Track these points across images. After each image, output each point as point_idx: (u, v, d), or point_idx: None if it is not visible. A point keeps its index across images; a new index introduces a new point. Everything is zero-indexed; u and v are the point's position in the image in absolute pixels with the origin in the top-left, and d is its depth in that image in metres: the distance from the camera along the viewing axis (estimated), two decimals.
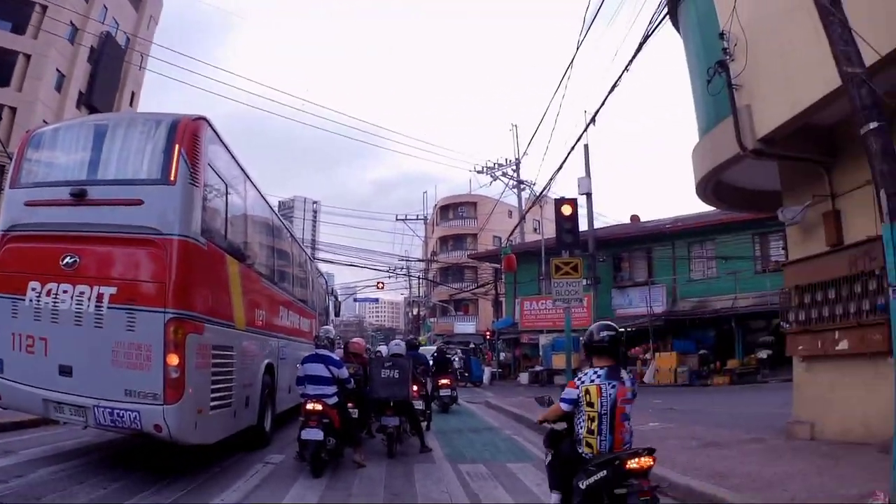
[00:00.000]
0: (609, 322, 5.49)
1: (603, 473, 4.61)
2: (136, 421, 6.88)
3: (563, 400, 5.09)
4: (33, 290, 7.35)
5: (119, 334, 7.00)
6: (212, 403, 7.70)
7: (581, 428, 4.95)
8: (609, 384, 4.89)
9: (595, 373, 4.96)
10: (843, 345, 9.00)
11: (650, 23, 11.76)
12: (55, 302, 7.25)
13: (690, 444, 9.91)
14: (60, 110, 35.12)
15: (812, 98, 8.00)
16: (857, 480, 6.72)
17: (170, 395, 6.86)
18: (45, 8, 34.04)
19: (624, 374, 5.07)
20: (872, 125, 5.67)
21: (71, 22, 35.81)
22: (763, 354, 25.68)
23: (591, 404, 4.89)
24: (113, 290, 7.16)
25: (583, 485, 4.71)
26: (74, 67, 37.02)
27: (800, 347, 10.14)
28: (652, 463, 4.65)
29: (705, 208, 18.11)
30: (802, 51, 7.96)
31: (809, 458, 8.31)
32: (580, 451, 4.94)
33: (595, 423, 4.86)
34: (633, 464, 4.57)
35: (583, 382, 4.97)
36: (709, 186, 11.88)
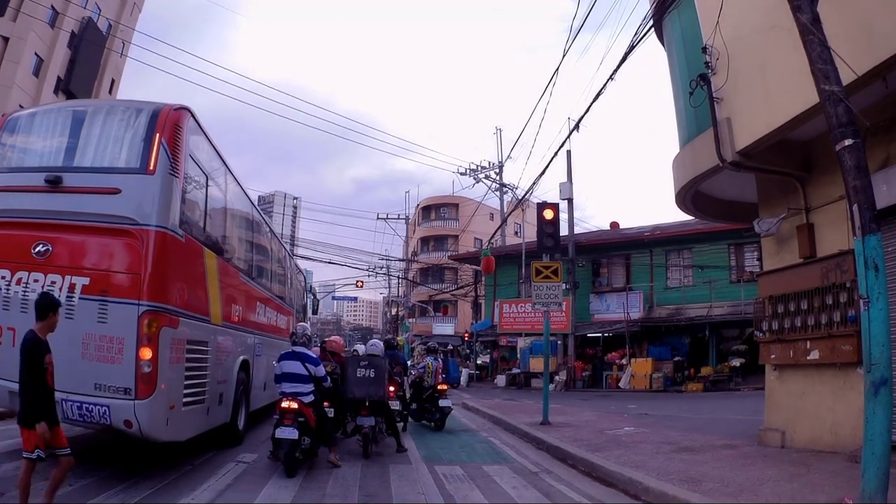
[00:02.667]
0: (434, 342, 21.13)
1: (431, 390, 13.90)
2: (105, 416, 6.76)
3: (421, 367, 14.76)
4: (2, 278, 7.18)
5: (90, 326, 6.87)
6: (184, 399, 7.60)
7: (426, 376, 14.01)
8: (434, 362, 14.16)
9: (429, 357, 14.45)
10: (814, 355, 9.11)
11: (636, 34, 11.82)
12: (25, 291, 7.08)
13: (664, 449, 9.98)
14: (37, 95, 34.47)
15: (789, 114, 8.10)
16: (827, 488, 6.81)
17: (141, 389, 6.75)
18: None
19: (439, 359, 14.61)
20: (847, 142, 5.75)
21: (52, 5, 35.19)
22: (736, 362, 25.97)
23: (427, 367, 14.19)
24: (86, 280, 7.03)
25: (424, 395, 14.01)
26: (54, 52, 36.30)
27: (772, 356, 10.25)
28: (445, 388, 14.13)
29: (684, 217, 18.23)
30: (781, 67, 8.07)
31: (780, 464, 8.40)
32: (425, 384, 14.03)
33: (429, 374, 13.93)
34: (439, 386, 13.80)
35: (426, 361, 14.44)
36: (688, 196, 11.98)
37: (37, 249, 7.13)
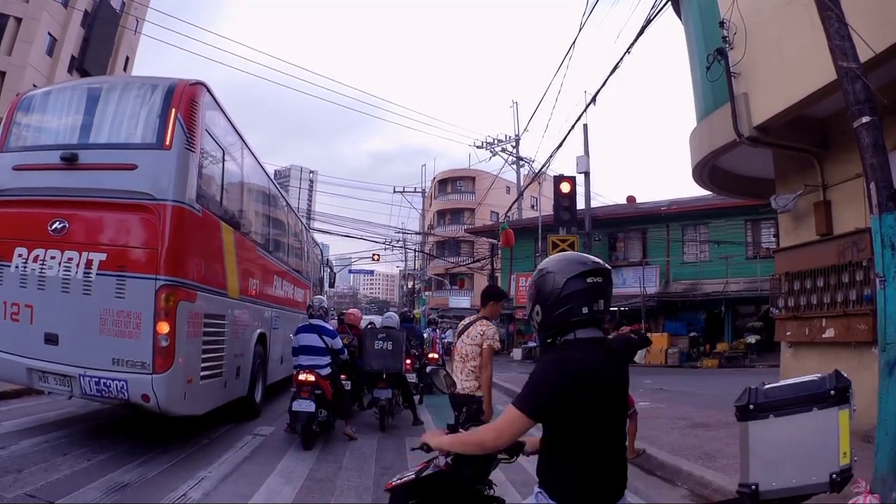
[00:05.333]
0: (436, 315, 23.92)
1: (422, 358, 13.73)
2: (123, 391, 6.83)
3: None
4: (20, 256, 7.24)
5: (108, 301, 6.93)
6: (202, 373, 7.67)
7: (425, 346, 14.68)
8: (431, 333, 16.73)
9: (428, 329, 17.18)
10: (830, 333, 9.06)
11: (652, 7, 11.66)
12: (42, 268, 7.15)
13: (679, 425, 10.02)
14: (51, 75, 34.46)
15: (807, 90, 7.97)
16: None
17: (159, 364, 6.81)
18: None
19: (436, 330, 18.41)
20: (865, 119, 5.67)
21: None
22: (751, 339, 25.88)
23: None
24: (102, 256, 7.07)
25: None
26: (67, 31, 36.31)
27: (787, 333, 10.21)
28: (436, 357, 14.55)
29: (701, 192, 18.09)
30: (799, 43, 7.92)
31: None
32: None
33: (427, 344, 14.70)
34: (430, 356, 14.39)
35: (426, 332, 16.99)
36: (704, 171, 11.89)
37: (53, 226, 7.19)
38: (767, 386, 2.54)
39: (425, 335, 14.78)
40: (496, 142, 43.81)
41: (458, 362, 6.23)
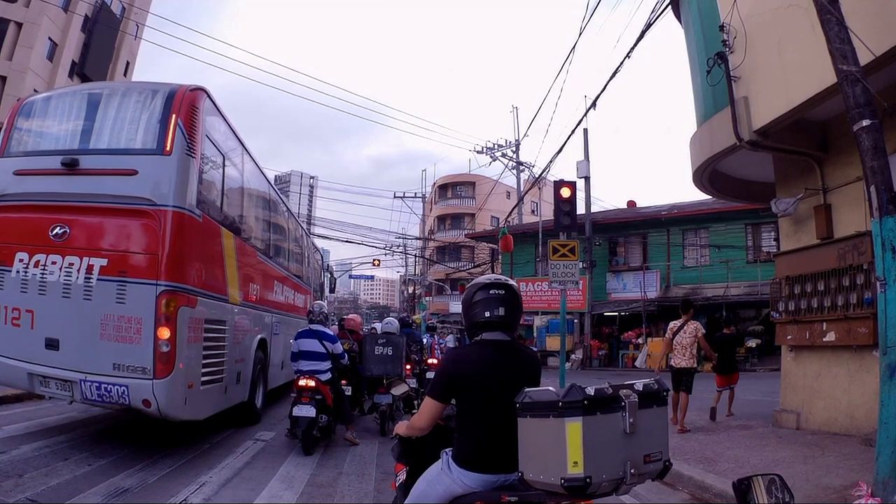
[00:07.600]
0: (435, 321, 23.34)
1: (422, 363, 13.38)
2: (124, 395, 6.81)
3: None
4: (21, 261, 7.22)
5: (109, 307, 6.92)
6: (203, 379, 7.65)
7: (424, 351, 13.68)
8: (430, 339, 14.60)
9: (427, 335, 14.89)
10: (830, 336, 9.07)
11: (652, 11, 11.70)
12: (43, 273, 7.14)
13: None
14: (52, 80, 34.60)
15: (807, 93, 7.97)
16: (841, 470, 6.81)
17: (160, 369, 6.79)
18: None
19: (435, 336, 17.20)
20: (865, 123, 5.68)
21: None
22: (752, 343, 25.82)
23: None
24: (104, 261, 7.06)
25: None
26: (67, 36, 36.45)
27: (788, 337, 10.22)
28: (435, 362, 12.68)
29: (701, 196, 18.11)
30: (799, 47, 7.94)
31: (795, 446, 8.40)
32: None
33: (426, 350, 14.16)
34: (429, 361, 13.82)
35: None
36: (705, 175, 11.90)
37: (54, 232, 7.18)
38: (530, 390, 2.82)
39: (425, 341, 14.75)
40: (496, 147, 43.84)
41: (679, 349, 10.55)
